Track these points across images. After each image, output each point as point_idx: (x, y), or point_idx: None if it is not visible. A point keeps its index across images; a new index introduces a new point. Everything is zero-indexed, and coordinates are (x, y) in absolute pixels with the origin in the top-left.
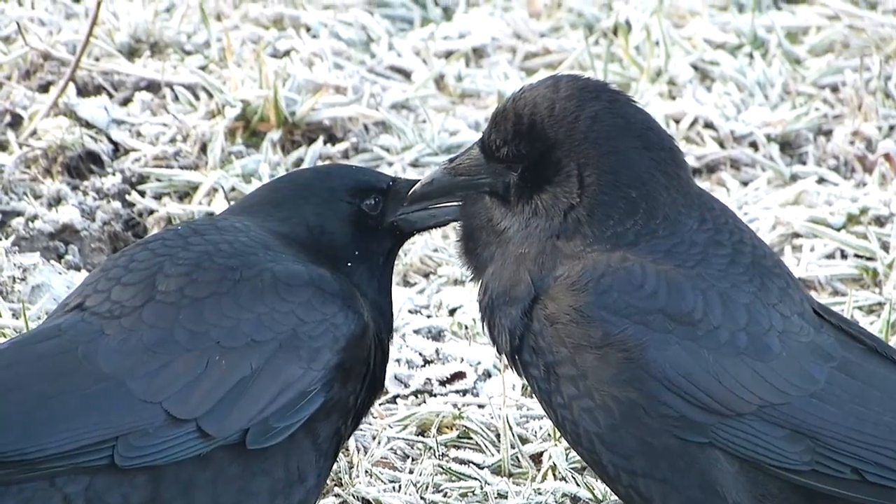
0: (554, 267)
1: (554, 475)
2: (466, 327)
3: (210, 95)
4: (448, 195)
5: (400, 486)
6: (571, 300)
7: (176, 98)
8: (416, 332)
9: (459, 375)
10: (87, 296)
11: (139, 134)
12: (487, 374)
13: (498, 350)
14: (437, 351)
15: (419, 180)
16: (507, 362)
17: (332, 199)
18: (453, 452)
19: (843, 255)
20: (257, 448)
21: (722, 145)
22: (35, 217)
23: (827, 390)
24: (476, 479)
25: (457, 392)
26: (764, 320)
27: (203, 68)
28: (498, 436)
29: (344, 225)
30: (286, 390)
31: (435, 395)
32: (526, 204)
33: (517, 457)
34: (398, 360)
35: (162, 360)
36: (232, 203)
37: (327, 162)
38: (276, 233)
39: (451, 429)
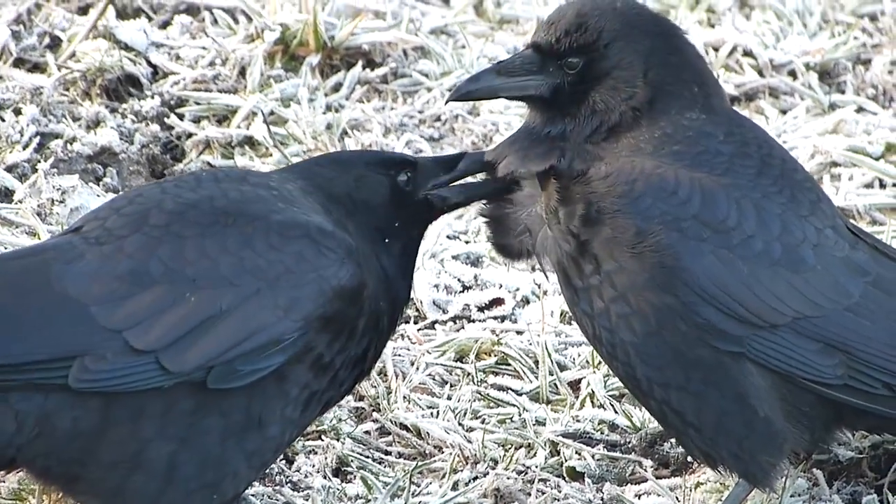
0: (592, 163)
1: (592, 402)
2: None
3: (249, 19)
4: (493, 97)
5: (438, 413)
6: (607, 200)
7: (215, 21)
8: (455, 257)
9: (498, 301)
10: (88, 220)
11: (178, 57)
12: (526, 301)
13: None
14: (475, 277)
15: (445, 157)
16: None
17: (370, 170)
18: (491, 379)
19: (882, 185)
20: (218, 388)
21: (761, 74)
22: (74, 139)
23: (862, 304)
24: (514, 405)
25: (495, 318)
26: (797, 231)
27: None
28: (536, 362)
29: (382, 197)
30: (256, 335)
31: (473, 322)
32: (582, 102)
33: (555, 384)
34: (436, 286)
35: (130, 290)
36: (272, 127)
37: (366, 87)
38: (316, 195)
39: (490, 355)
